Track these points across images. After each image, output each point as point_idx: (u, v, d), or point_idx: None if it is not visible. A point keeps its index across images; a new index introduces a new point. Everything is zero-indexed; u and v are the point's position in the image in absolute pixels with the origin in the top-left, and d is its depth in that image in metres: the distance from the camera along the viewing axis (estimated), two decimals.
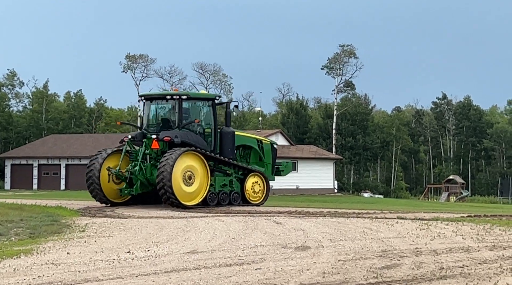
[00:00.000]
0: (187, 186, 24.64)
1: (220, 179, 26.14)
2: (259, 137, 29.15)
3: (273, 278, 9.08)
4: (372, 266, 10.01)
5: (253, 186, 26.80)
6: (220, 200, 25.80)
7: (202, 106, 26.88)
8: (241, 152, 27.50)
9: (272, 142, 28.93)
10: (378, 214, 21.21)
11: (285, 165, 29.55)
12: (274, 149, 28.38)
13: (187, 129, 25.66)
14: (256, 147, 27.71)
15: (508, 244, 12.58)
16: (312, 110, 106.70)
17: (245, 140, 27.64)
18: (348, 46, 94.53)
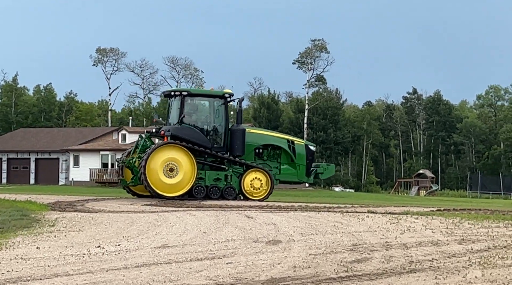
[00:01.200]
0: (168, 178, 25.50)
1: (212, 173, 26.41)
2: (291, 137, 28.76)
3: (244, 272, 9.09)
4: (343, 260, 10.06)
5: (252, 182, 26.52)
6: (210, 194, 26.08)
7: (209, 104, 27.22)
8: (270, 152, 27.35)
9: (308, 143, 28.46)
10: (349, 208, 21.31)
11: (324, 167, 28.65)
12: (309, 149, 27.81)
13: (189, 125, 26.28)
14: (286, 147, 27.32)
15: (476, 237, 12.71)
16: (284, 105, 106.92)
17: (272, 140, 27.49)
18: (319, 41, 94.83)
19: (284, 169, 27.32)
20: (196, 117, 27.10)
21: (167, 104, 28.28)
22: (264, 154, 27.21)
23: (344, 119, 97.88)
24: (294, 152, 27.23)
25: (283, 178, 27.44)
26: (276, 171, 27.17)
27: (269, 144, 27.27)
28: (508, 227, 14.80)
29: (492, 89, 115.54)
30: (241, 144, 26.47)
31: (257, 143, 27.12)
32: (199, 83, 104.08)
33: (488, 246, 11.41)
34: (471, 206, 25.44)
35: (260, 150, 27.23)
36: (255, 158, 27.13)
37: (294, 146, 27.39)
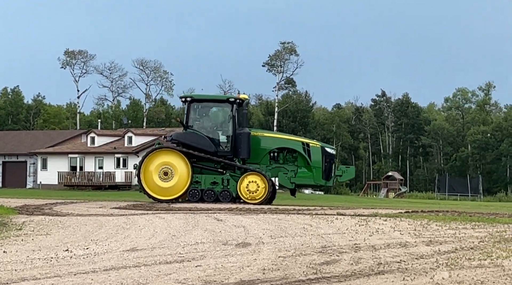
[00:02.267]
0: (163, 182, 26.33)
1: (209, 177, 26.55)
2: (306, 140, 28.10)
3: (214, 275, 9.08)
4: (312, 262, 10.09)
5: (248, 185, 26.22)
6: (204, 197, 26.21)
7: (215, 108, 27.56)
8: (286, 155, 27.03)
9: (324, 145, 27.71)
10: (318, 210, 21.39)
11: (343, 169, 27.78)
12: (326, 152, 27.01)
13: (194, 130, 26.72)
14: (301, 150, 26.79)
15: (444, 239, 12.82)
16: (254, 107, 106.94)
17: (287, 143, 27.14)
18: (289, 43, 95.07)
19: (300, 172, 26.81)
20: (203, 122, 27.33)
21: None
22: (280, 157, 26.96)
23: (314, 122, 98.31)
24: (309, 155, 26.70)
25: (299, 181, 27.00)
26: (292, 174, 26.77)
27: (284, 147, 27.00)
28: (475, 228, 14.96)
29: (459, 92, 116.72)
30: (246, 147, 26.36)
31: (271, 147, 26.94)
32: (169, 86, 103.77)
33: (455, 248, 11.52)
34: (438, 208, 25.67)
35: (275, 153, 26.99)
36: (270, 161, 26.89)
37: (310, 148, 26.79)
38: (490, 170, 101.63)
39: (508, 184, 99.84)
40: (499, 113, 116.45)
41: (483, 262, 9.87)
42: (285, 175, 26.74)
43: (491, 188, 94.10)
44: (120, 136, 68.53)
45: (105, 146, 67.05)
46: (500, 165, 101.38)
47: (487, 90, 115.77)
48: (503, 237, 13.15)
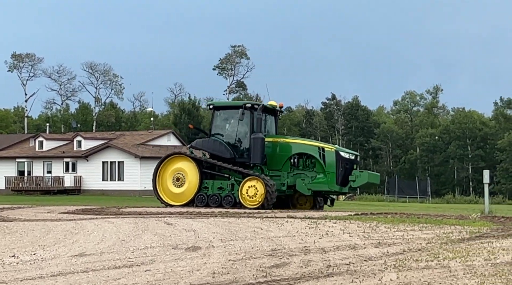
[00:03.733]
0: (176, 187, 26.63)
1: (217, 183, 26.45)
2: (322, 144, 27.21)
3: (163, 279, 9.03)
4: (262, 265, 10.10)
5: (248, 190, 25.69)
6: (210, 202, 26.10)
7: (235, 115, 26.95)
8: (306, 161, 26.25)
9: (340, 149, 26.53)
10: (269, 214, 21.42)
11: (356, 174, 25.79)
12: (341, 156, 25.78)
13: (216, 137, 26.79)
14: (317, 155, 25.90)
15: (392, 241, 12.96)
16: (205, 111, 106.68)
17: (305, 148, 26.32)
18: (239, 47, 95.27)
19: (316, 178, 25.87)
20: (223, 129, 27.24)
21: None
22: (300, 163, 26.23)
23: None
24: (324, 160, 25.81)
25: (315, 187, 25.83)
26: (309, 180, 25.86)
27: (303, 153, 26.26)
28: (422, 230, 15.15)
29: (408, 95, 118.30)
30: (259, 152, 25.82)
31: (291, 152, 26.35)
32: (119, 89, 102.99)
33: (403, 249, 11.65)
34: (387, 210, 25.94)
35: (296, 159, 26.21)
36: (291, 168, 26.24)
37: (324, 152, 25.88)
38: (438, 172, 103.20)
39: (455, 186, 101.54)
40: (447, 116, 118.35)
41: (430, 263, 10.00)
42: (303, 181, 25.87)
43: (439, 190, 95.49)
44: (69, 140, 67.73)
45: (54, 150, 66.18)
46: (448, 167, 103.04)
47: (435, 93, 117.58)
48: (450, 238, 13.34)
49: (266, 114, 27.14)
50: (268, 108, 27.13)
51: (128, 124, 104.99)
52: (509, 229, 15.39)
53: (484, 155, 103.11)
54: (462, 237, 13.53)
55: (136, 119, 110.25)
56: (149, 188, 61.45)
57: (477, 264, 9.92)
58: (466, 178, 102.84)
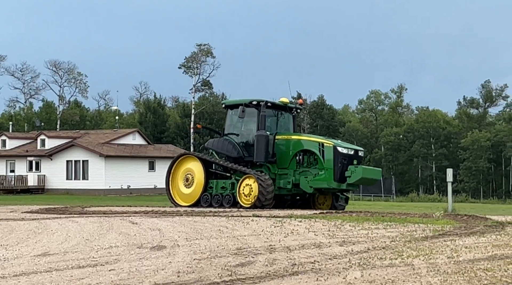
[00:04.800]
0: (186, 188, 26.65)
1: (220, 182, 26.21)
2: (323, 139, 25.65)
3: (127, 279, 8.97)
4: (227, 264, 10.09)
5: (244, 188, 25.06)
6: (213, 202, 25.82)
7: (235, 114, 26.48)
8: (310, 158, 25.32)
9: (339, 144, 25.22)
10: (234, 212, 21.43)
11: (352, 170, 24.50)
12: (338, 152, 24.63)
13: (228, 137, 26.50)
14: (317, 151, 24.92)
15: (357, 239, 13.03)
16: (170, 109, 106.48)
17: (308, 145, 25.32)
18: (205, 45, 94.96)
19: (317, 174, 24.90)
20: (234, 128, 26.74)
21: None
22: (305, 161, 25.38)
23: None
24: (323, 155, 24.79)
25: (316, 184, 24.84)
26: (311, 178, 24.90)
27: (307, 150, 25.31)
28: (387, 228, 15.26)
29: (373, 94, 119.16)
30: (263, 150, 25.15)
31: (295, 150, 25.43)
32: (83, 88, 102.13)
33: (367, 247, 11.72)
34: (352, 209, 26.05)
35: (301, 156, 25.39)
36: (297, 165, 25.42)
37: (324, 148, 24.84)
38: (402, 171, 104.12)
39: (419, 185, 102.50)
40: (411, 115, 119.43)
41: (394, 261, 10.08)
42: (306, 179, 25.01)
43: (404, 188, 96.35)
44: (32, 139, 67.02)
45: (17, 148, 65.46)
46: (412, 166, 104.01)
47: (399, 92, 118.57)
48: (414, 236, 13.46)
49: (279, 111, 26.46)
50: (279, 106, 26.39)
51: (93, 123, 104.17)
52: (471, 227, 15.58)
53: (447, 154, 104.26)
54: (426, 235, 13.65)
55: (101, 118, 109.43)
56: (114, 187, 61.44)
57: (440, 262, 10.02)
58: (430, 176, 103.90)
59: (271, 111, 26.25)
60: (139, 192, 62.33)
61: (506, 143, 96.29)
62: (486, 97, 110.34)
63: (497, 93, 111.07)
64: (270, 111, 26.12)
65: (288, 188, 25.33)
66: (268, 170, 25.55)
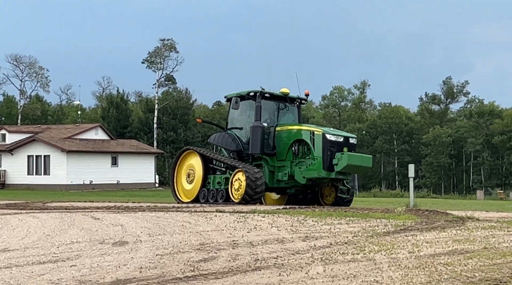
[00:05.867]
0: (188, 184, 25.99)
1: (217, 177, 25.44)
2: (313, 128, 24.50)
3: (89, 275, 8.90)
4: (190, 259, 10.06)
5: (234, 183, 24.22)
6: (209, 198, 25.09)
7: (244, 105, 25.46)
8: (304, 148, 24.30)
9: (328, 131, 24.06)
10: (198, 208, 21.36)
11: (339, 157, 23.31)
12: (327, 139, 23.55)
13: (230, 131, 25.73)
14: (309, 140, 23.92)
15: (319, 234, 13.08)
16: (133, 104, 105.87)
17: (301, 134, 24.27)
18: (168, 40, 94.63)
19: (309, 164, 23.91)
20: (236, 121, 25.88)
21: None
22: (300, 151, 24.35)
23: (194, 119, 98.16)
24: (313, 144, 23.80)
25: (308, 175, 23.86)
26: (305, 168, 23.98)
27: (300, 139, 24.27)
28: (349, 223, 15.34)
29: (336, 90, 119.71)
30: (259, 142, 24.31)
31: (290, 140, 24.45)
32: (45, 82, 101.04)
33: (330, 243, 11.77)
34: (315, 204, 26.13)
35: (296, 146, 24.38)
36: (294, 156, 24.43)
37: (314, 136, 23.82)
38: None
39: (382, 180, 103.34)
40: (374, 111, 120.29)
41: (356, 256, 10.14)
42: (300, 169, 24.11)
43: (366, 184, 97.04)
44: None
45: None
46: (375, 162, 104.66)
47: (362, 88, 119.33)
48: (376, 231, 13.55)
49: (280, 102, 25.59)
50: (279, 96, 25.51)
51: (55, 117, 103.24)
52: (432, 222, 15.74)
53: (409, 150, 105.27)
54: (388, 230, 13.75)
55: (63, 113, 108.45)
56: (76, 183, 60.95)
57: (402, 256, 10.10)
58: (392, 172, 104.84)
59: (272, 102, 25.47)
60: (101, 187, 61.93)
61: (467, 139, 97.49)
62: (448, 93, 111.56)
63: (458, 89, 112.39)
64: (269, 102, 25.36)
65: (285, 180, 24.48)
66: (266, 163, 24.84)
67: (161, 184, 76.66)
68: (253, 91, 24.95)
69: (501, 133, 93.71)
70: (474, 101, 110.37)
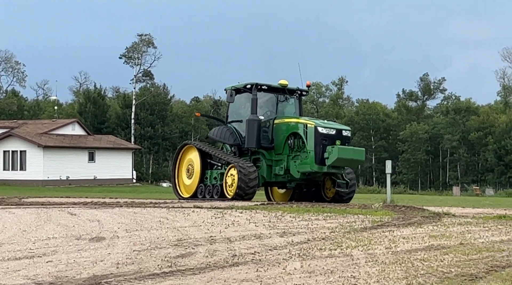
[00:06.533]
0: (188, 179, 25.49)
1: (213, 173, 24.87)
2: (306, 121, 23.59)
3: (65, 270, 8.85)
4: (167, 255, 10.04)
5: (227, 179, 23.70)
6: (205, 194, 24.57)
7: (244, 98, 24.86)
8: (299, 141, 23.49)
9: (319, 124, 23.25)
10: (175, 204, 21.32)
11: (329, 150, 22.61)
12: (319, 132, 22.82)
13: (229, 124, 25.04)
14: (302, 133, 23.24)
15: (297, 230, 13.11)
16: (111, 100, 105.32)
17: (295, 128, 23.55)
18: (146, 36, 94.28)
19: (303, 158, 23.27)
20: (235, 114, 25.24)
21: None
22: (295, 144, 23.64)
23: (172, 115, 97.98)
24: (306, 137, 23.11)
25: (301, 168, 23.28)
26: (299, 162, 23.35)
27: (295, 132, 23.57)
28: (327, 219, 15.39)
29: (314, 86, 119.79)
30: (255, 136, 23.63)
31: (286, 133, 23.76)
32: (21, 77, 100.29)
33: (307, 238, 11.80)
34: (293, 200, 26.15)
35: (291, 140, 23.68)
36: (290, 150, 23.75)
37: (307, 129, 23.11)
38: None
39: (359, 176, 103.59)
40: (351, 107, 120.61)
41: (334, 252, 10.17)
42: (295, 163, 23.49)
43: None
44: None
45: None
46: None
47: (340, 85, 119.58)
48: (353, 227, 13.61)
49: (279, 94, 24.85)
50: (278, 88, 24.72)
51: (31, 113, 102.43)
52: (409, 218, 15.83)
53: (387, 146, 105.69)
54: (365, 226, 13.82)
55: (39, 108, 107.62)
56: (52, 178, 60.56)
57: (379, 252, 10.15)
58: (370, 168, 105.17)
59: (271, 94, 24.83)
60: (78, 183, 61.59)
61: (443, 135, 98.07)
62: (425, 90, 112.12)
63: (435, 86, 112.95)
64: (267, 95, 24.76)
65: (282, 174, 23.87)
66: (264, 157, 24.21)
67: (139, 179, 76.42)
68: (249, 83, 24.29)
69: (477, 130, 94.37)
70: (450, 98, 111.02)
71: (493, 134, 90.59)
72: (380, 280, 7.96)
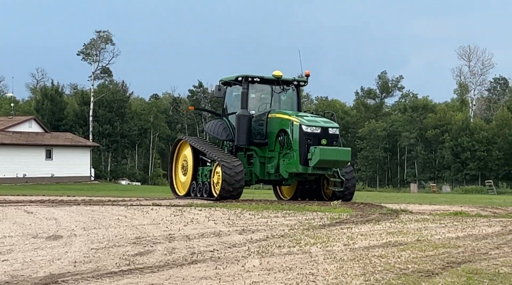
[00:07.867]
0: (183, 176, 24.65)
1: (205, 170, 23.68)
2: (292, 117, 22.19)
3: (21, 269, 8.73)
4: (125, 253, 9.97)
5: (214, 177, 22.67)
6: (196, 192, 23.63)
7: (236, 91, 23.68)
8: (288, 138, 22.14)
9: (305, 122, 21.83)
10: (134, 201, 21.20)
11: (312, 151, 21.34)
12: (304, 132, 21.56)
13: (224, 118, 23.94)
14: (289, 130, 21.97)
15: (256, 227, 13.13)
16: (68, 97, 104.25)
17: (283, 124, 22.33)
18: (104, 32, 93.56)
19: (291, 157, 22.06)
20: (230, 107, 24.08)
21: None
22: (285, 141, 22.27)
23: (131, 112, 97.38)
24: (292, 135, 21.86)
25: (288, 168, 22.13)
26: (287, 161, 22.17)
27: (284, 129, 22.27)
28: (286, 216, 15.45)
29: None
30: (245, 132, 22.47)
31: (276, 130, 22.53)
32: None
33: (266, 236, 11.82)
34: (253, 197, 26.24)
35: (281, 137, 22.39)
36: (281, 147, 22.50)
37: (293, 127, 21.81)
38: None
39: None
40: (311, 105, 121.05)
41: (292, 249, 10.21)
42: (283, 162, 22.27)
43: None
44: None
45: None
46: None
47: None
48: (312, 224, 13.67)
49: (274, 86, 23.74)
50: (271, 80, 23.57)
51: None
52: (367, 215, 15.97)
53: (346, 143, 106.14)
54: (323, 223, 13.89)
55: None
56: (8, 176, 59.75)
57: (337, 249, 10.22)
58: None
59: (265, 86, 23.70)
60: (35, 180, 60.90)
61: (401, 133, 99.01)
62: (383, 88, 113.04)
63: (393, 84, 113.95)
64: (261, 87, 23.60)
65: (273, 173, 22.73)
66: (256, 154, 23.12)
67: (97, 177, 75.80)
68: (240, 76, 23.00)
69: (434, 127, 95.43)
70: (408, 96, 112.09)
71: (450, 132, 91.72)
72: (338, 277, 8.00)
